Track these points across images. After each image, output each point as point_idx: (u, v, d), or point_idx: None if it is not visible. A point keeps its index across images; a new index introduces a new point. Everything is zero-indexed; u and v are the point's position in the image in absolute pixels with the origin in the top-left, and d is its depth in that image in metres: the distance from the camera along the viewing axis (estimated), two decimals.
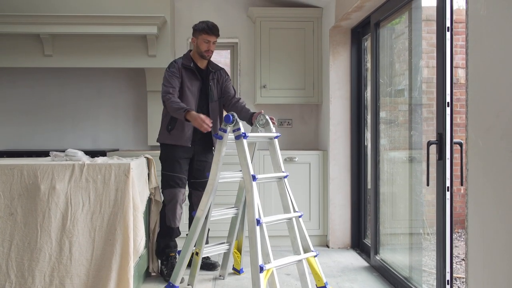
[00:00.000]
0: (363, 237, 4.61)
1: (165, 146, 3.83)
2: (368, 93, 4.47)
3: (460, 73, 6.04)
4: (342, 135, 4.65)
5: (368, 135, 4.49)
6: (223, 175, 3.39)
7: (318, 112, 5.21)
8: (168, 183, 3.72)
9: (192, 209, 3.87)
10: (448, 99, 2.70)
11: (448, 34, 2.70)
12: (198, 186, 3.87)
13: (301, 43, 4.98)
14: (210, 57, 3.83)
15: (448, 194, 2.72)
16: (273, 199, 4.63)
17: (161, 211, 3.74)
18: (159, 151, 4.93)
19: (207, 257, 3.93)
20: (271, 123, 3.45)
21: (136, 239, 3.01)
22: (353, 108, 4.64)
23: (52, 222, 2.89)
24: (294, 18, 4.96)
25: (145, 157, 3.62)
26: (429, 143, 2.76)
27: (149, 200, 3.63)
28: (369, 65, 4.44)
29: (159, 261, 3.78)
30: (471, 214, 1.97)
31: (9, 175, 2.92)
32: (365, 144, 4.58)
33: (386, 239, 4.17)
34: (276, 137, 3.43)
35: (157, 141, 3.91)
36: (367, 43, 4.51)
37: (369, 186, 4.54)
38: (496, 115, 1.78)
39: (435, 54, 2.85)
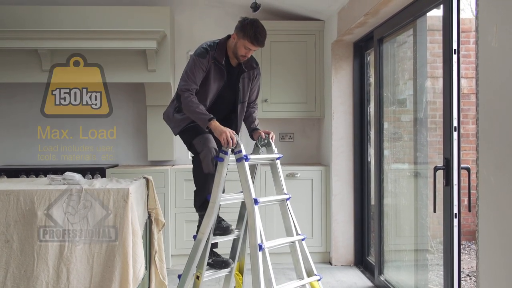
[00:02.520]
0: (366, 254, 4.54)
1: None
2: (371, 108, 4.41)
3: (463, 83, 5.98)
4: (344, 150, 4.59)
5: (371, 150, 4.43)
6: (225, 197, 3.31)
7: (320, 126, 5.14)
8: (196, 132, 3.25)
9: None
10: (455, 124, 2.64)
11: (455, 57, 2.63)
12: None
13: (303, 56, 4.91)
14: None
15: (455, 221, 2.65)
16: (275, 219, 4.51)
17: (195, 161, 3.34)
18: (159, 167, 4.90)
19: (217, 254, 3.49)
20: (273, 144, 3.37)
21: (136, 265, 2.93)
22: (355, 123, 4.58)
23: (49, 249, 2.82)
24: (296, 32, 4.89)
25: (144, 177, 3.54)
26: (435, 169, 2.69)
27: (149, 222, 3.55)
28: (372, 79, 4.37)
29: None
30: (482, 252, 1.90)
31: (5, 201, 2.85)
32: (368, 160, 4.51)
33: (390, 256, 4.10)
34: (278, 158, 3.35)
35: (164, 120, 3.45)
36: (370, 58, 4.44)
37: (372, 202, 4.48)
38: (510, 152, 1.71)
39: (437, 64, 2.79)
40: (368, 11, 3.43)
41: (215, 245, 3.55)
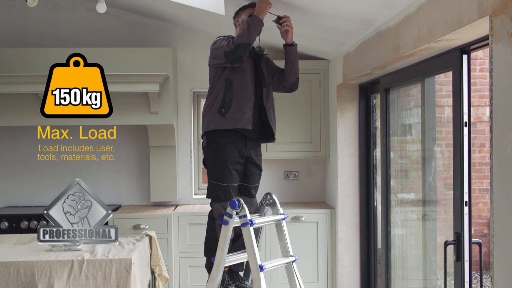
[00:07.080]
0: None
1: (214, 142, 3.20)
2: (377, 153, 4.33)
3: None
4: (350, 194, 4.51)
5: (377, 196, 4.35)
6: (229, 258, 3.25)
7: (325, 165, 5.07)
8: (218, 195, 3.20)
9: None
10: (466, 198, 2.56)
11: (465, 130, 2.56)
12: (245, 190, 3.35)
13: (307, 95, 4.84)
14: None
15: None
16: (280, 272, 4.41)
17: (210, 225, 3.31)
18: (162, 209, 4.83)
19: (243, 278, 3.40)
20: (278, 204, 3.30)
21: None
22: (361, 166, 4.50)
23: None
24: (300, 71, 4.79)
25: (147, 235, 3.48)
26: (446, 244, 2.61)
27: (153, 278, 3.49)
28: (378, 123, 4.30)
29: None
30: None
31: (5, 273, 2.79)
32: (375, 204, 4.44)
33: None
34: (284, 218, 3.28)
35: (204, 131, 3.27)
36: (376, 101, 4.37)
37: (379, 246, 4.41)
38: None
39: (442, 93, 2.71)
40: (375, 66, 3.37)
41: (240, 268, 3.41)
